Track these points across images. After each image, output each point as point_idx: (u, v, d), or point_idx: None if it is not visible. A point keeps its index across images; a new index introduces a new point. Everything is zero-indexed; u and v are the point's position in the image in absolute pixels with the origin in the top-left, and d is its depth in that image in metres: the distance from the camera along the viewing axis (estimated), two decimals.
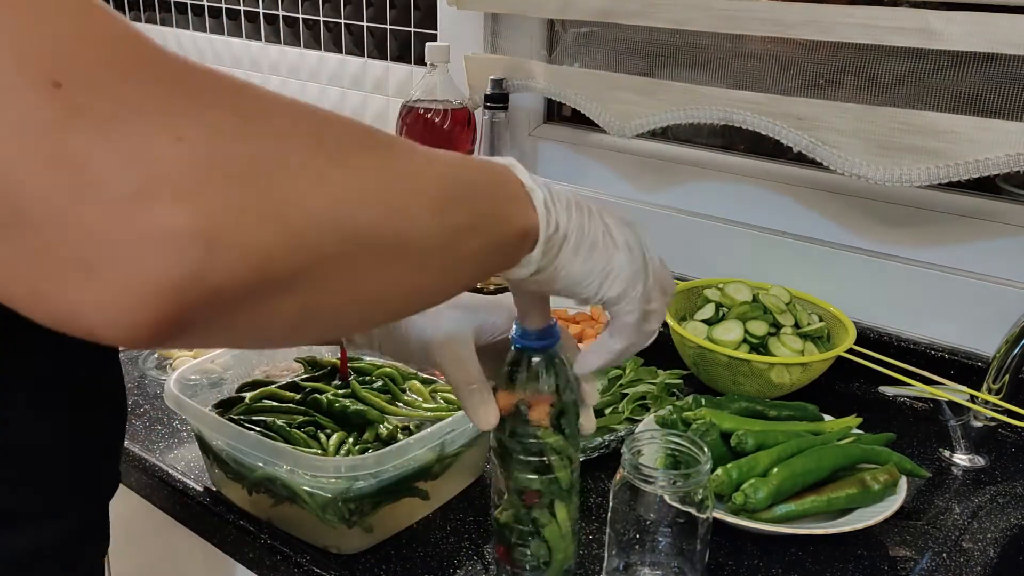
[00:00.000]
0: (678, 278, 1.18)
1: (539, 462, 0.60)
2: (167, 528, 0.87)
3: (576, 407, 0.61)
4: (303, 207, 0.34)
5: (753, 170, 1.19)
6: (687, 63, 1.18)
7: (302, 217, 0.34)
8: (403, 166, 0.41)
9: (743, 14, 1.04)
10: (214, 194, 0.31)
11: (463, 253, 0.44)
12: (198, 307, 0.32)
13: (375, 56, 1.51)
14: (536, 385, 0.59)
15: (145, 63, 0.33)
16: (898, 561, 0.77)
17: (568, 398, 0.60)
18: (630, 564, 0.69)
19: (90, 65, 0.31)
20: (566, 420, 0.60)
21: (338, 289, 0.37)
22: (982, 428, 0.93)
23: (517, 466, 0.61)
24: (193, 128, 0.32)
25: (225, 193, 0.32)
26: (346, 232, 0.36)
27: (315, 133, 0.37)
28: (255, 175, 0.33)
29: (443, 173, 0.43)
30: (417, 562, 0.75)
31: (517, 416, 0.59)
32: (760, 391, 0.99)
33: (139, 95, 0.31)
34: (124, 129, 0.30)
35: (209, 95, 0.34)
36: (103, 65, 0.31)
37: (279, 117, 0.36)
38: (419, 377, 0.90)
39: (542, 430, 0.59)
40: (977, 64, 0.97)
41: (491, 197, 0.46)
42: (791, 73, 1.11)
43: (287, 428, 0.78)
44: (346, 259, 0.37)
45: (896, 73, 1.03)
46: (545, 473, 0.60)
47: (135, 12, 1.91)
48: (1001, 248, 1.03)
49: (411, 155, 0.42)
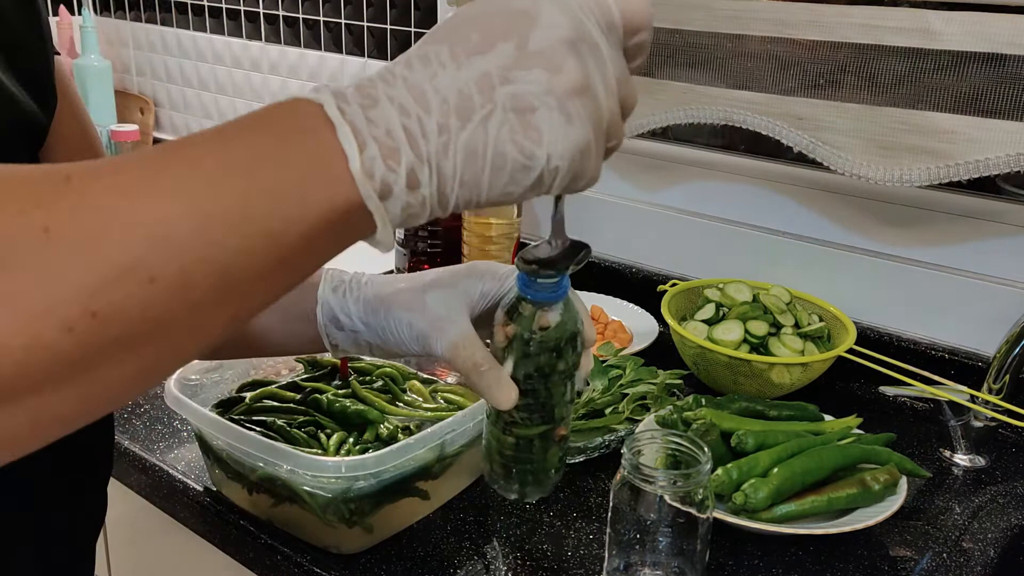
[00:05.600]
0: (678, 278, 1.18)
1: (548, 360, 0.56)
2: (167, 528, 0.87)
3: (578, 341, 0.57)
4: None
5: (753, 170, 1.19)
6: (687, 63, 1.18)
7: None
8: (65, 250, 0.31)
9: (743, 14, 1.04)
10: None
11: (221, 316, 0.35)
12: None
13: (375, 56, 1.51)
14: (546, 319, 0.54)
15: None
16: (898, 561, 0.77)
17: (573, 329, 0.56)
18: (630, 564, 0.69)
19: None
20: (570, 350, 0.56)
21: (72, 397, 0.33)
22: (982, 428, 0.93)
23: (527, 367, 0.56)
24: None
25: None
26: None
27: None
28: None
29: (148, 217, 0.32)
30: (417, 562, 0.75)
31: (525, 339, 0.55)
32: (760, 391, 0.99)
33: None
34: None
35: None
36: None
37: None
38: (419, 377, 0.90)
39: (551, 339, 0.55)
40: (977, 64, 0.97)
41: (265, 189, 0.34)
42: (791, 73, 1.10)
43: (287, 428, 0.78)
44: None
45: (896, 73, 1.03)
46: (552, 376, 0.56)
47: (135, 12, 1.91)
48: (1001, 248, 1.03)
49: (99, 202, 0.32)
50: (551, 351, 0.55)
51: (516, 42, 0.38)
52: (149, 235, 0.32)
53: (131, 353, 0.33)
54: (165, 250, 0.32)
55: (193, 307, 0.33)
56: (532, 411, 0.57)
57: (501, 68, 0.37)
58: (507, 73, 0.37)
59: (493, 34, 0.38)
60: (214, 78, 1.81)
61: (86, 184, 0.32)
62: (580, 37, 0.39)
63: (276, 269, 0.36)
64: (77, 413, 0.34)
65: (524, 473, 0.60)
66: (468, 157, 0.37)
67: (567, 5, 0.39)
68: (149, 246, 0.32)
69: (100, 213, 0.32)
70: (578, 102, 0.38)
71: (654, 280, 1.21)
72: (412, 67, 0.38)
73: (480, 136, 0.37)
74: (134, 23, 1.93)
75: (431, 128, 0.36)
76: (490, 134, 0.37)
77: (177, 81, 1.89)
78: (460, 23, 0.39)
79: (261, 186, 0.34)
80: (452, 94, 0.37)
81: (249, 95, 1.75)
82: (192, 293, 0.33)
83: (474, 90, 0.37)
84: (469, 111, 0.37)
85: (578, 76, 0.38)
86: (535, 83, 0.37)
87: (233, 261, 0.34)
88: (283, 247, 0.35)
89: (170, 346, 0.34)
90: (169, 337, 0.34)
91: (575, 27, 0.39)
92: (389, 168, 0.36)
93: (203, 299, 0.34)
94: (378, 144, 0.36)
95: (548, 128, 0.38)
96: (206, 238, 0.33)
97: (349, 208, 0.36)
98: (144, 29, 1.91)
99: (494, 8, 0.39)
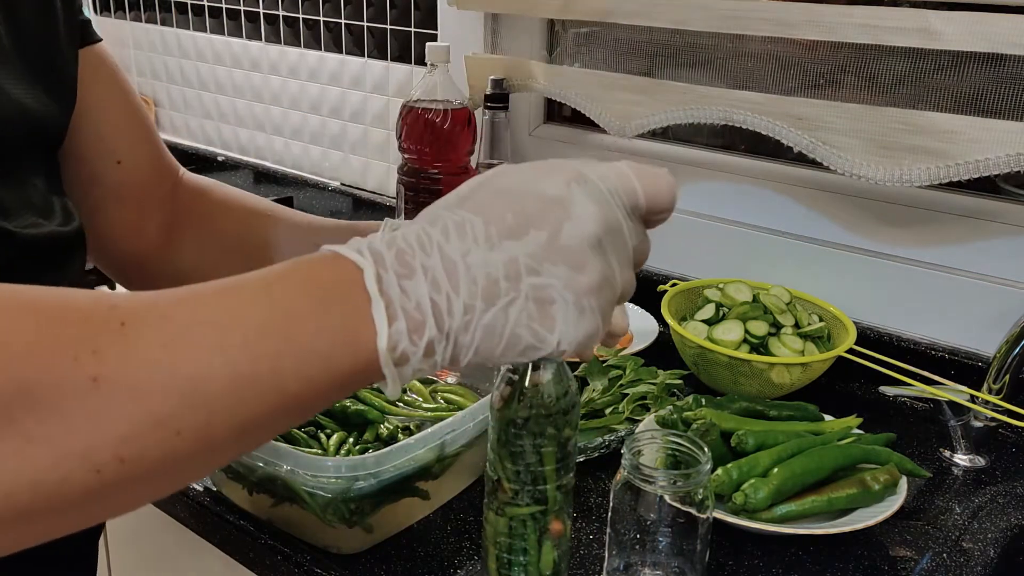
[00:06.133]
0: (678, 278, 1.18)
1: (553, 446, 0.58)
2: (167, 528, 0.87)
3: (572, 415, 0.58)
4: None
5: (753, 170, 1.19)
6: (687, 63, 1.18)
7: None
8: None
9: (743, 14, 1.04)
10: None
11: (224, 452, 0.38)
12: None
13: (375, 56, 1.51)
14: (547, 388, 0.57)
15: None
16: (898, 561, 0.77)
17: (566, 404, 0.58)
18: (630, 564, 0.69)
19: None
20: (563, 420, 0.59)
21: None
22: (982, 428, 0.93)
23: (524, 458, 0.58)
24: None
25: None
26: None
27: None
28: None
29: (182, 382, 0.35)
30: (417, 562, 0.75)
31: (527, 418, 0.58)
32: (760, 391, 0.99)
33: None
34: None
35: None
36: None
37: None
38: (419, 377, 0.90)
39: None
40: (977, 64, 0.97)
41: (295, 350, 0.37)
42: (791, 73, 1.11)
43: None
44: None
45: (896, 73, 1.03)
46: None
47: (135, 12, 1.91)
48: (1001, 248, 1.03)
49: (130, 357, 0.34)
50: (541, 408, 0.57)
51: (548, 232, 0.40)
52: (184, 391, 0.34)
53: (144, 487, 0.36)
54: (195, 406, 0.35)
55: (208, 452, 0.36)
56: (523, 482, 0.58)
57: (530, 257, 0.40)
58: (534, 263, 0.40)
59: (528, 219, 0.41)
60: (214, 78, 1.81)
61: (136, 330, 0.34)
62: (607, 229, 0.42)
63: (287, 419, 0.39)
64: (76, 528, 0.36)
65: (517, 569, 0.61)
66: (486, 336, 0.40)
67: (598, 193, 0.42)
68: (182, 402, 0.34)
69: (145, 367, 0.34)
70: (594, 299, 0.41)
71: (654, 280, 1.21)
72: (448, 236, 0.40)
73: (501, 319, 0.40)
74: (134, 23, 1.93)
75: (458, 308, 0.39)
76: (510, 318, 0.40)
77: (177, 81, 1.89)
78: (497, 194, 0.42)
79: (293, 350, 0.37)
80: (482, 276, 0.39)
81: (249, 95, 1.75)
82: (210, 443, 0.36)
83: (502, 275, 0.40)
84: (495, 296, 0.39)
85: (598, 276, 0.41)
86: (558, 278, 0.40)
87: (253, 416, 0.37)
88: (300, 403, 0.38)
89: (178, 481, 0.38)
90: (182, 474, 0.37)
91: (603, 219, 0.42)
92: (412, 342, 0.39)
93: (218, 446, 0.36)
94: (407, 318, 0.38)
95: (562, 319, 0.41)
96: (235, 397, 0.36)
97: (366, 370, 0.38)
98: (144, 29, 1.91)
99: (531, 189, 0.42)
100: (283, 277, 0.38)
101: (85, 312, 0.34)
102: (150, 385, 0.34)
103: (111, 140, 0.72)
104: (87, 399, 0.33)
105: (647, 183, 0.44)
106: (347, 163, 1.63)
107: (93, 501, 0.34)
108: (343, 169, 1.64)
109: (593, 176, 0.42)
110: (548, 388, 0.57)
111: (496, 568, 0.63)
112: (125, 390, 0.33)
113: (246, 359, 0.36)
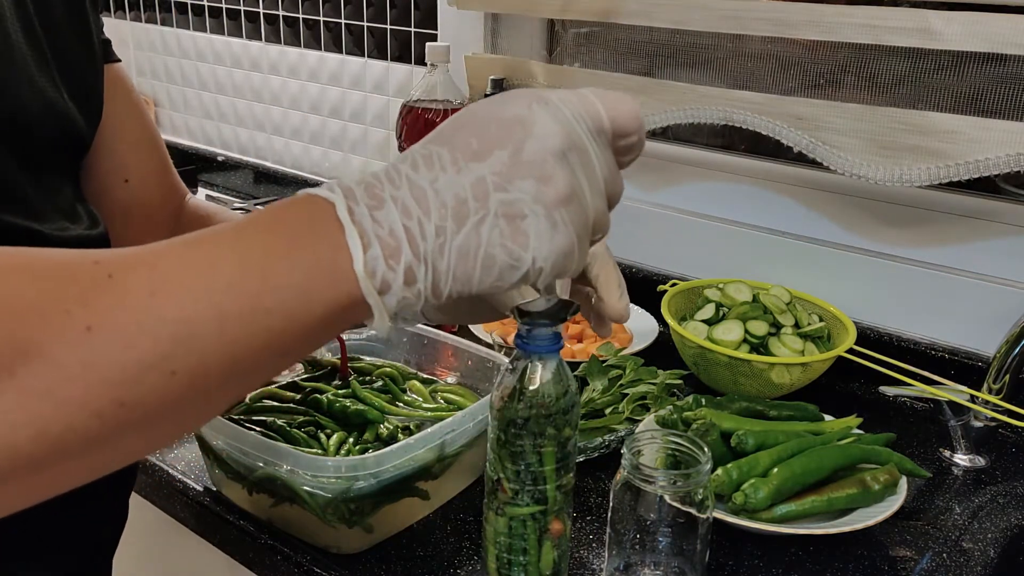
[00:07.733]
0: (678, 278, 1.18)
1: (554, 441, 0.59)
2: (167, 528, 0.87)
3: (571, 415, 0.59)
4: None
5: (753, 170, 1.19)
6: (687, 63, 1.18)
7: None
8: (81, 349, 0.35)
9: (743, 14, 1.05)
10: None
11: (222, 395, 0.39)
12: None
13: (375, 56, 1.51)
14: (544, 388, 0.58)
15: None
16: (898, 561, 0.77)
17: (565, 404, 0.59)
18: (630, 564, 0.69)
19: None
20: (562, 420, 0.59)
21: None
22: (982, 428, 0.93)
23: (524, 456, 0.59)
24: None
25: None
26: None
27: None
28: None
29: (171, 313, 0.36)
30: (417, 562, 0.75)
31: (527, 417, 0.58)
32: (760, 391, 0.99)
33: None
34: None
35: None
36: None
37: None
38: (419, 377, 0.90)
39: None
40: (977, 64, 0.97)
41: (272, 286, 0.38)
42: (791, 73, 1.11)
43: (287, 428, 0.78)
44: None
45: (896, 73, 1.03)
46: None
47: (135, 12, 1.91)
48: (1001, 248, 1.03)
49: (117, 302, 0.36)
50: (541, 407, 0.58)
51: (511, 150, 0.41)
52: (174, 334, 0.36)
53: (146, 432, 0.37)
54: (187, 347, 0.36)
55: (204, 393, 0.38)
56: (523, 482, 0.59)
57: (496, 175, 0.40)
58: (501, 180, 0.40)
59: (491, 141, 0.41)
60: (214, 78, 1.81)
61: (124, 279, 0.36)
62: (571, 146, 0.42)
63: (278, 357, 0.40)
64: (85, 479, 0.38)
65: (517, 569, 0.62)
66: (461, 257, 0.40)
67: (560, 113, 0.42)
68: (174, 344, 0.36)
69: (135, 313, 0.35)
70: (564, 210, 0.41)
71: (654, 280, 1.21)
72: (417, 168, 0.41)
73: (473, 239, 0.40)
74: (134, 23, 1.93)
75: (430, 230, 0.39)
76: (482, 237, 0.40)
77: (177, 81, 1.89)
78: (462, 126, 0.42)
79: (271, 286, 0.38)
80: (450, 198, 0.40)
81: (249, 95, 1.75)
82: (205, 382, 0.37)
83: (470, 195, 0.40)
84: (464, 215, 0.40)
85: (565, 186, 0.41)
86: (526, 192, 0.40)
87: (243, 355, 0.37)
88: (287, 339, 0.38)
89: (179, 424, 0.39)
90: (180, 418, 0.38)
91: (566, 135, 0.42)
92: (389, 267, 0.39)
93: (213, 386, 0.38)
94: (381, 244, 0.39)
95: (535, 234, 0.41)
96: (223, 337, 0.37)
97: (349, 303, 0.39)
98: (144, 29, 1.91)
99: (493, 114, 0.42)
100: (258, 220, 0.40)
101: (72, 269, 0.36)
102: (140, 329, 0.35)
103: (122, 157, 0.74)
104: (81, 347, 0.34)
105: (610, 105, 0.44)
106: (347, 163, 1.63)
107: (98, 448, 0.36)
108: (343, 169, 1.64)
109: (555, 98, 0.43)
110: (548, 388, 0.57)
111: (496, 568, 0.63)
112: (117, 336, 0.35)
113: (230, 300, 0.37)
